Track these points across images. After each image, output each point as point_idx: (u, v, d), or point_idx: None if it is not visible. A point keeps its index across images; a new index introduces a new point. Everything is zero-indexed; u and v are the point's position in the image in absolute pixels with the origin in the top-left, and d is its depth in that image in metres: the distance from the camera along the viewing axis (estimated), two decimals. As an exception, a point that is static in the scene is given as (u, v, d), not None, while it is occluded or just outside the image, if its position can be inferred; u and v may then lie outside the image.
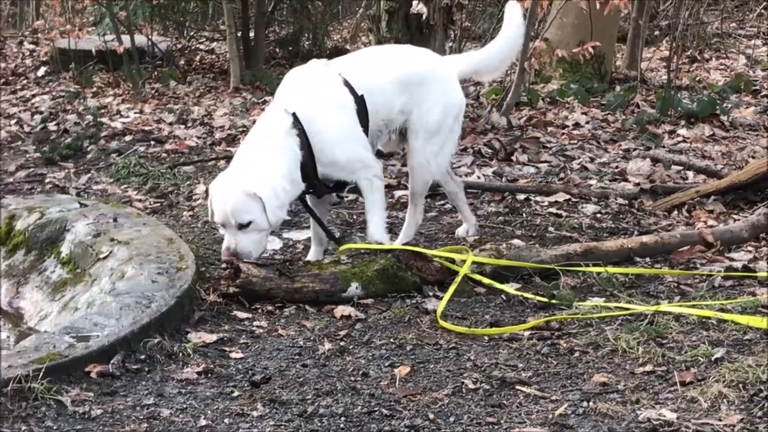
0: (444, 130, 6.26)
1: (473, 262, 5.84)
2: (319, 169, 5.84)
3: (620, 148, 9.12)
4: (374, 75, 6.07)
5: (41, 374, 4.27)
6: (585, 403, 4.33)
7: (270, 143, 5.72)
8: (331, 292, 5.60)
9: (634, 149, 9.05)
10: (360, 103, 5.93)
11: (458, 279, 5.67)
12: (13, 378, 4.20)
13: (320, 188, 6.00)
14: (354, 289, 5.62)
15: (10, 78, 13.36)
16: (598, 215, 7.28)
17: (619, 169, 8.45)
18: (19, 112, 11.19)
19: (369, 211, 6.10)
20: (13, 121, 10.74)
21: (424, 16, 8.62)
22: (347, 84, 5.93)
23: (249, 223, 5.58)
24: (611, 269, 5.91)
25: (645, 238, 6.35)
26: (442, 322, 5.25)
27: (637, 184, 7.95)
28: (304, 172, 5.78)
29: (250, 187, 5.56)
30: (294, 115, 5.75)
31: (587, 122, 10.01)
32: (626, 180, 8.18)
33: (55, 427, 4.06)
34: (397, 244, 6.13)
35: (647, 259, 6.20)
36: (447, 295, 5.53)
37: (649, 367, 4.66)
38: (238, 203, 5.57)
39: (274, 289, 5.57)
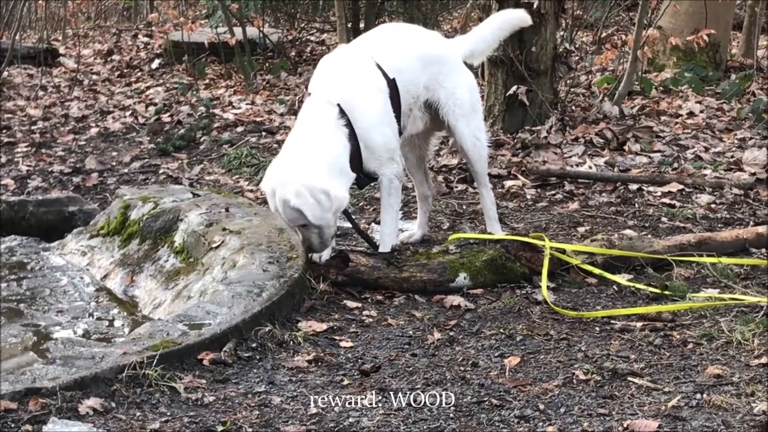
0: (477, 108, 6.29)
1: (584, 253, 5.79)
2: (363, 158, 5.79)
3: (735, 138, 8.95)
4: (401, 54, 6.00)
5: (155, 361, 4.34)
6: (698, 395, 4.26)
7: (320, 138, 5.62)
8: (439, 282, 5.59)
9: (750, 138, 8.88)
10: (392, 86, 5.89)
11: (546, 262, 5.61)
12: (128, 365, 4.28)
13: (363, 179, 5.92)
14: (462, 279, 5.61)
15: (125, 70, 13.61)
16: (713, 205, 7.16)
17: (734, 158, 8.29)
18: (134, 103, 11.39)
19: (384, 213, 5.95)
20: (128, 113, 10.94)
21: (535, 5, 8.54)
22: (379, 68, 5.89)
23: (306, 225, 5.53)
24: (726, 260, 5.81)
25: (761, 229, 6.23)
26: (552, 306, 5.22)
27: (753, 174, 7.80)
28: (352, 163, 5.72)
29: (290, 199, 5.47)
30: (338, 105, 5.68)
31: (701, 111, 9.85)
32: (741, 170, 8.02)
33: (168, 413, 4.12)
34: (500, 233, 6.10)
35: (763, 250, 6.08)
36: (544, 273, 5.53)
37: (764, 359, 4.57)
38: (287, 213, 5.55)
39: (382, 279, 5.59)
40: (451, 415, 4.16)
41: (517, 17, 6.65)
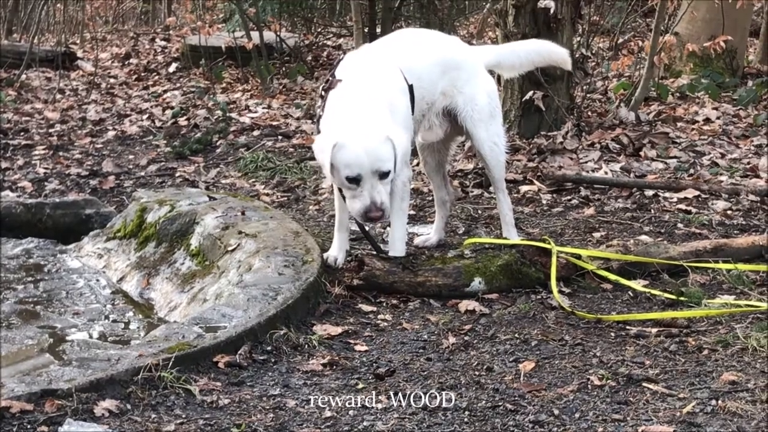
0: (496, 113, 6.23)
1: (599, 258, 5.79)
2: None
3: (752, 144, 8.94)
4: (420, 60, 5.96)
5: (170, 363, 4.35)
6: (714, 402, 4.25)
7: (379, 108, 5.53)
8: (454, 286, 5.59)
9: (767, 145, 8.85)
10: (410, 92, 5.89)
11: (553, 264, 5.61)
12: (144, 367, 4.29)
13: None
14: (477, 284, 5.61)
15: (143, 74, 13.64)
16: (729, 212, 7.15)
17: (750, 165, 8.28)
18: (151, 107, 11.42)
19: (397, 218, 5.83)
20: (145, 116, 10.97)
21: (551, 11, 8.54)
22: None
23: (387, 173, 5.39)
24: (742, 266, 5.80)
25: (777, 235, 6.23)
26: (567, 309, 5.22)
27: (769, 181, 7.79)
28: None
29: (388, 134, 5.38)
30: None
31: (718, 117, 9.83)
32: (758, 176, 8.01)
33: (183, 416, 4.13)
34: (516, 238, 6.09)
35: (779, 257, 6.08)
36: (553, 276, 5.54)
37: (780, 367, 4.57)
38: (381, 150, 5.34)
39: (397, 283, 5.59)
40: (466, 419, 4.17)
41: (558, 54, 6.61)
